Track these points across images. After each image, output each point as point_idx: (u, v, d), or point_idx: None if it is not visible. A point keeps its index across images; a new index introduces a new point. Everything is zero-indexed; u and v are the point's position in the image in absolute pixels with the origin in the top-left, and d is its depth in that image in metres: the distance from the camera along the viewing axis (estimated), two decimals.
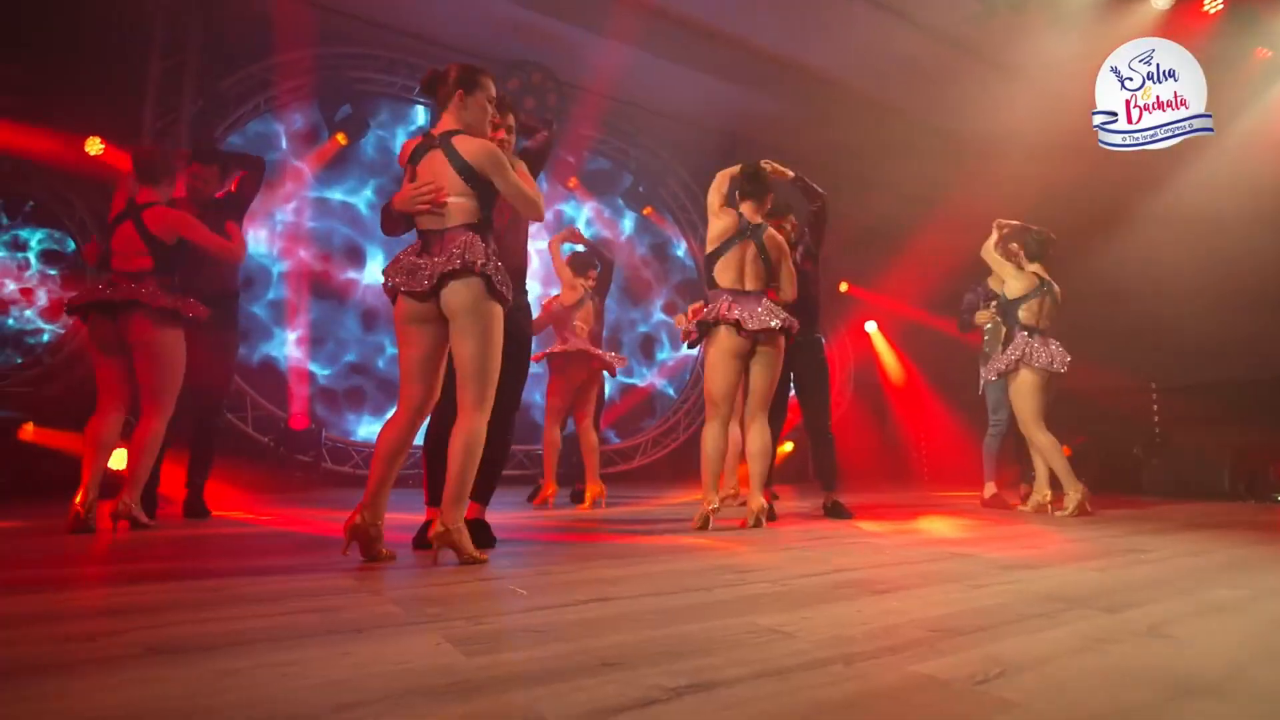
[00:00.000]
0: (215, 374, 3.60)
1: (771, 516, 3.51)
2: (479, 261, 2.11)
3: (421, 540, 2.43)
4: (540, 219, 2.35)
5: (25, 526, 3.09)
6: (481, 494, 2.60)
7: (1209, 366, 5.94)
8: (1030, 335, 4.09)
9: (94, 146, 5.36)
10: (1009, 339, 4.28)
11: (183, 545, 2.58)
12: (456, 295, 2.13)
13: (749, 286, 3.38)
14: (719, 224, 3.41)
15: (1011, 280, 4.18)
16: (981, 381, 4.81)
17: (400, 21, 6.76)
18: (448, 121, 2.27)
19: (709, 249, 3.43)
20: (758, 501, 3.24)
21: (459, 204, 2.18)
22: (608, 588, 1.78)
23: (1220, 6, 5.69)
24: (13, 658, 1.15)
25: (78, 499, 2.81)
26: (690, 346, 3.65)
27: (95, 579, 1.90)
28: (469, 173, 2.17)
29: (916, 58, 7.01)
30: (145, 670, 1.08)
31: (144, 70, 5.64)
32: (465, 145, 2.19)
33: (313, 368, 6.65)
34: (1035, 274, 4.20)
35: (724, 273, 3.39)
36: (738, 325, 3.25)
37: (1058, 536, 2.95)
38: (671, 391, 8.95)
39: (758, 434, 3.35)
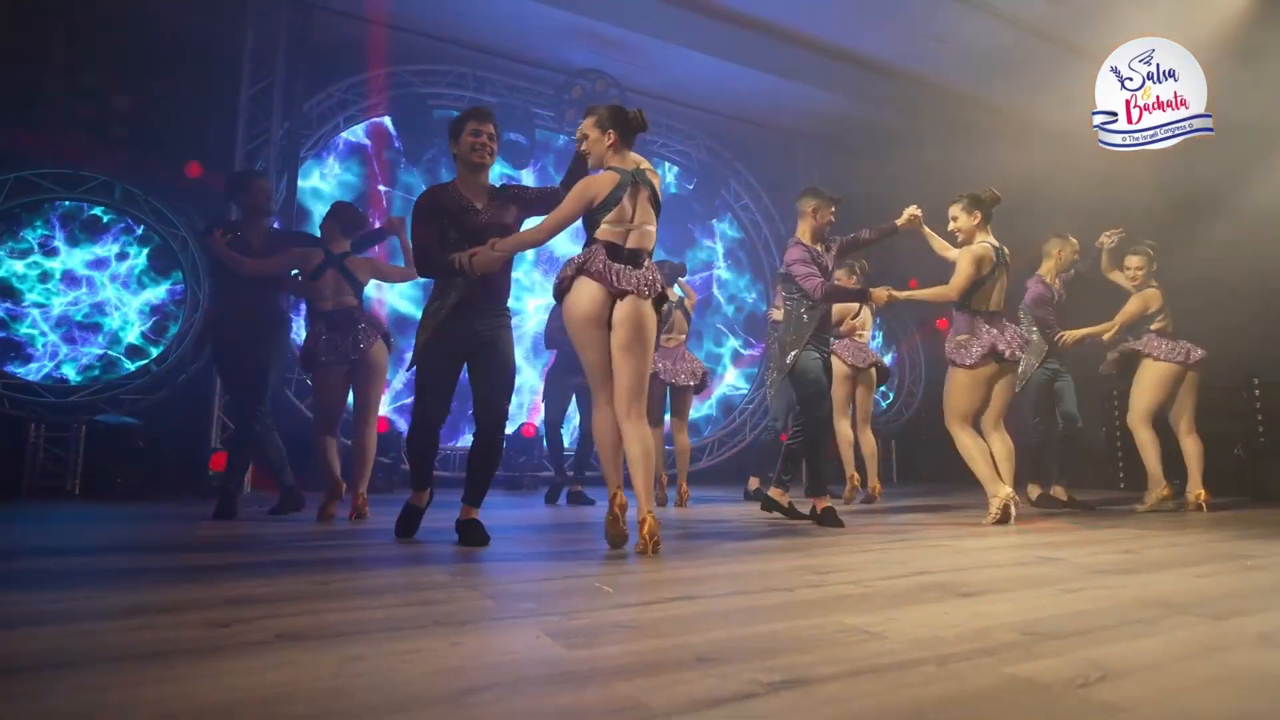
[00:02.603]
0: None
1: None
2: None
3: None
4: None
5: (146, 515, 3.36)
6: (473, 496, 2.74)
7: None
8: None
9: (193, 170, 5.74)
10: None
11: (288, 542, 2.75)
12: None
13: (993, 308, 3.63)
14: (977, 257, 3.58)
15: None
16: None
17: (467, 35, 6.98)
18: None
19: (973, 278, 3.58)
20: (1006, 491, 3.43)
21: None
22: (692, 586, 1.82)
23: None
24: (162, 640, 1.27)
25: None
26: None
27: (219, 572, 2.05)
28: None
29: (990, 45, 6.80)
30: (280, 655, 1.19)
31: (235, 95, 6.02)
32: None
33: (390, 374, 6.93)
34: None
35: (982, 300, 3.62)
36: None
37: (1154, 541, 2.82)
38: (740, 393, 8.92)
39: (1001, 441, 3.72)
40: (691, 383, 4.78)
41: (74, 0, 5.56)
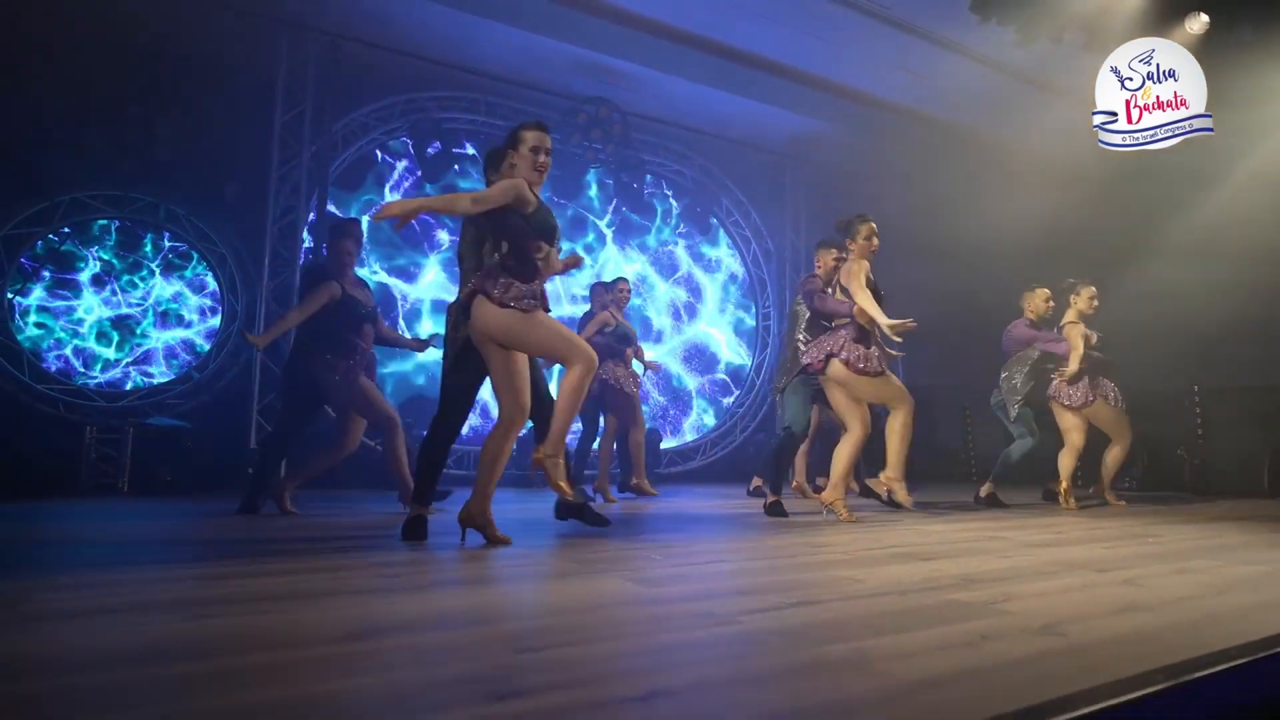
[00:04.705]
0: None
1: None
2: None
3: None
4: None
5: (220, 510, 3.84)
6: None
7: (1248, 370, 6.24)
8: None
9: (231, 190, 6.20)
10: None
11: (386, 529, 3.26)
12: None
13: None
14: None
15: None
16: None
17: (481, 65, 7.49)
18: None
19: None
20: None
21: None
22: (721, 554, 2.36)
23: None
24: (352, 585, 1.79)
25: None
26: None
27: (351, 547, 2.56)
28: None
29: (965, 80, 7.43)
30: (446, 592, 1.71)
31: (269, 121, 6.49)
32: None
33: (420, 380, 7.42)
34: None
35: None
36: None
37: (1087, 524, 3.41)
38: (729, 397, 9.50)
39: None
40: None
41: (120, 34, 5.99)
